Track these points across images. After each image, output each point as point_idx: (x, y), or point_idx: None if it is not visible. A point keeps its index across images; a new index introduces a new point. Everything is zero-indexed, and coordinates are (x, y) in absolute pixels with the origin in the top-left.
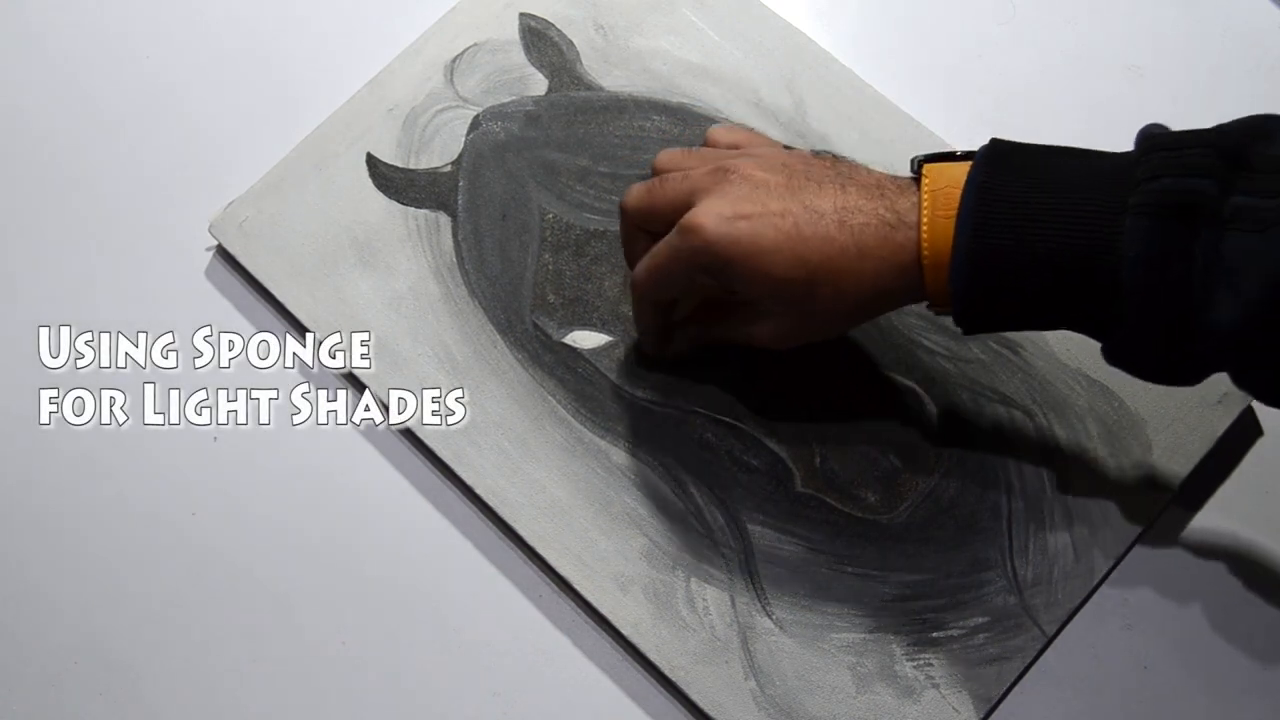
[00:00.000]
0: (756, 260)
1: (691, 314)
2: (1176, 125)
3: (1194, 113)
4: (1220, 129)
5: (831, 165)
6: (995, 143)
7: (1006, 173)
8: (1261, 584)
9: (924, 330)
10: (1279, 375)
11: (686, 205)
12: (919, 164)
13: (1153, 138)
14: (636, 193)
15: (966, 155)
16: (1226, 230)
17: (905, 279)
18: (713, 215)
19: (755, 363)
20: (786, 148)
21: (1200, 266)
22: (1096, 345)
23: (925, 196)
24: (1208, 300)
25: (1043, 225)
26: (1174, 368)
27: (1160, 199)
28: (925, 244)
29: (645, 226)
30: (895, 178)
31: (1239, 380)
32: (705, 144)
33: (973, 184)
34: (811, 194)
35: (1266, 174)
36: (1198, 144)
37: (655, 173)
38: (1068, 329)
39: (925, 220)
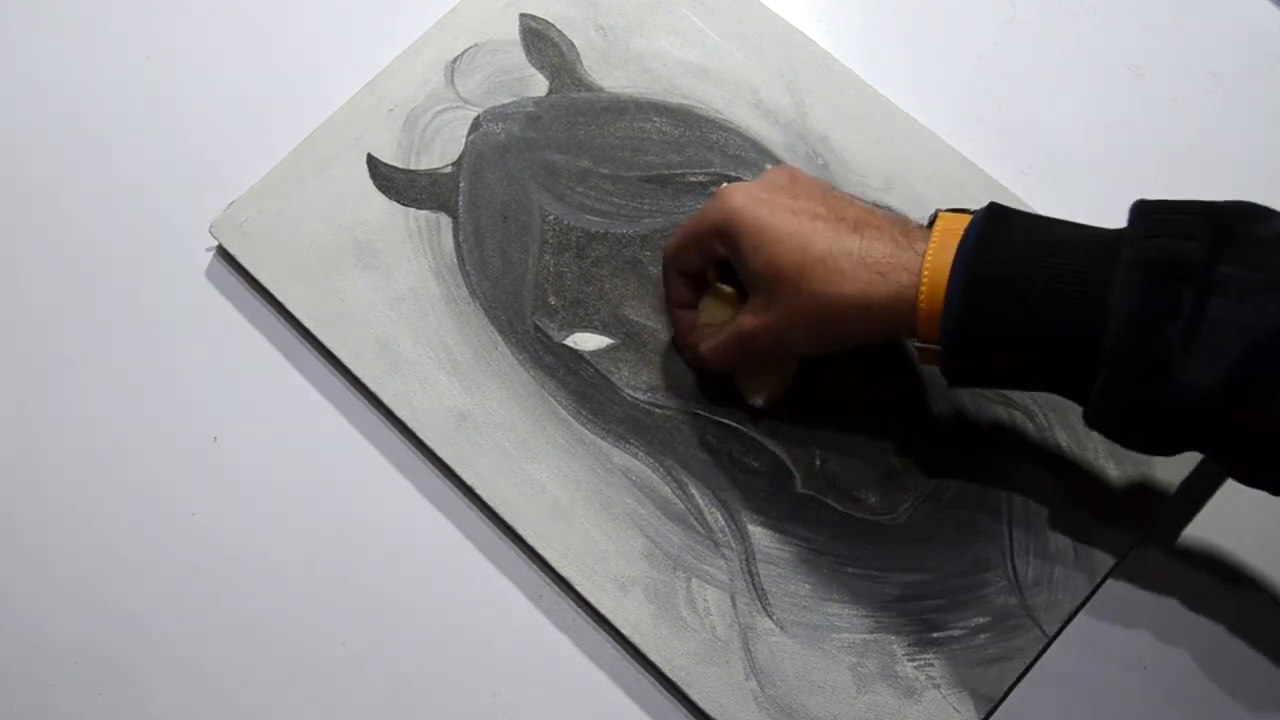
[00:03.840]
0: (760, 238)
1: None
2: (1176, 125)
3: (1194, 113)
4: (1211, 204)
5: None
6: (995, 204)
7: (1005, 223)
8: (1260, 585)
9: None
10: (1254, 449)
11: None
12: (936, 213)
13: (1147, 203)
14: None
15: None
16: (1211, 295)
17: (898, 301)
18: (743, 190)
19: None
20: None
21: (1185, 325)
22: None
23: (936, 234)
24: (1188, 359)
25: (1037, 264)
26: (1151, 430)
27: (1153, 255)
28: (926, 268)
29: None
30: (921, 226)
31: (1216, 455)
32: None
33: (974, 225)
34: (844, 205)
35: (1251, 249)
36: (1190, 212)
37: None
38: (1049, 385)
39: (931, 249)
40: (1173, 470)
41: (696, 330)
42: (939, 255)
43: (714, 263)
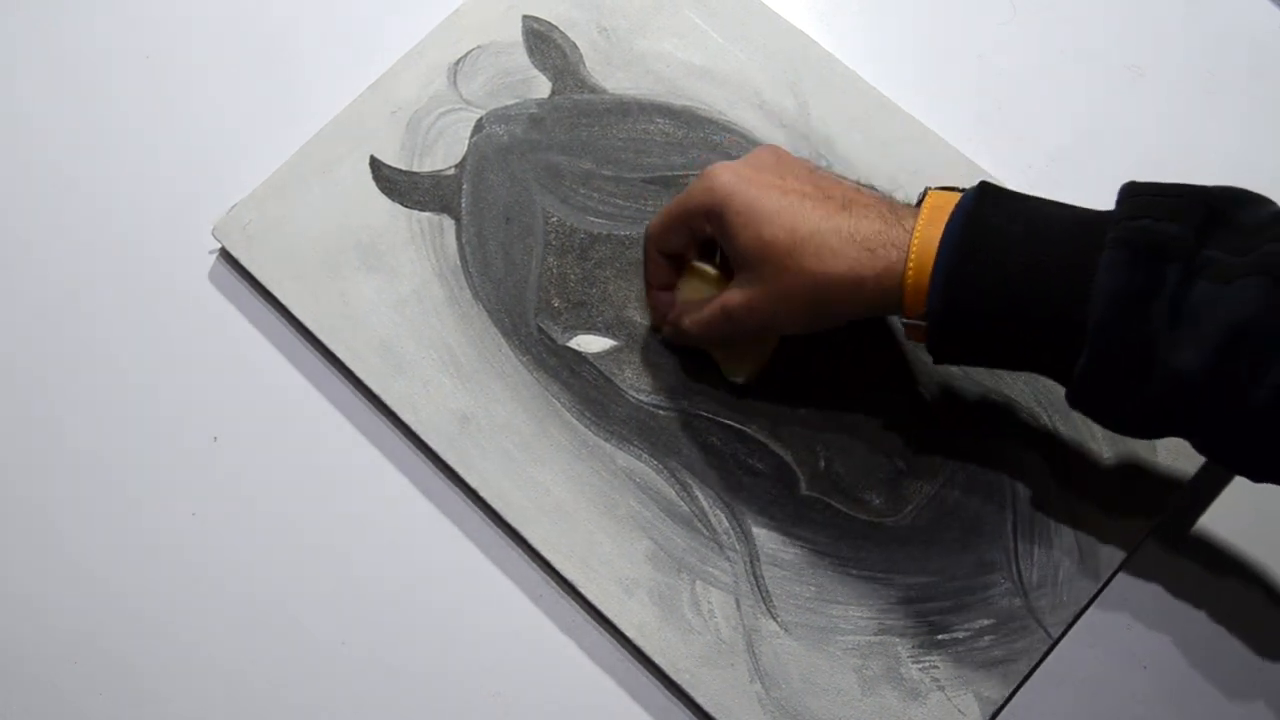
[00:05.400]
0: (749, 216)
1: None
2: (1177, 125)
3: (1194, 113)
4: (1202, 188)
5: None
6: (986, 183)
7: (995, 201)
8: (1263, 585)
9: None
10: (1233, 433)
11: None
12: (926, 190)
13: (1136, 185)
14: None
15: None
16: (1196, 277)
17: (887, 277)
18: (730, 169)
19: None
20: None
21: (1167, 307)
22: None
23: (924, 210)
24: (1171, 341)
25: (1023, 243)
26: (1133, 411)
27: (1138, 236)
28: (914, 244)
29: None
30: (908, 205)
31: (1196, 439)
32: None
33: (962, 204)
34: (831, 183)
35: (1238, 234)
36: (1179, 195)
37: None
38: (1034, 365)
39: (919, 225)
40: (1177, 472)
41: (676, 308)
42: (927, 231)
43: (697, 243)
